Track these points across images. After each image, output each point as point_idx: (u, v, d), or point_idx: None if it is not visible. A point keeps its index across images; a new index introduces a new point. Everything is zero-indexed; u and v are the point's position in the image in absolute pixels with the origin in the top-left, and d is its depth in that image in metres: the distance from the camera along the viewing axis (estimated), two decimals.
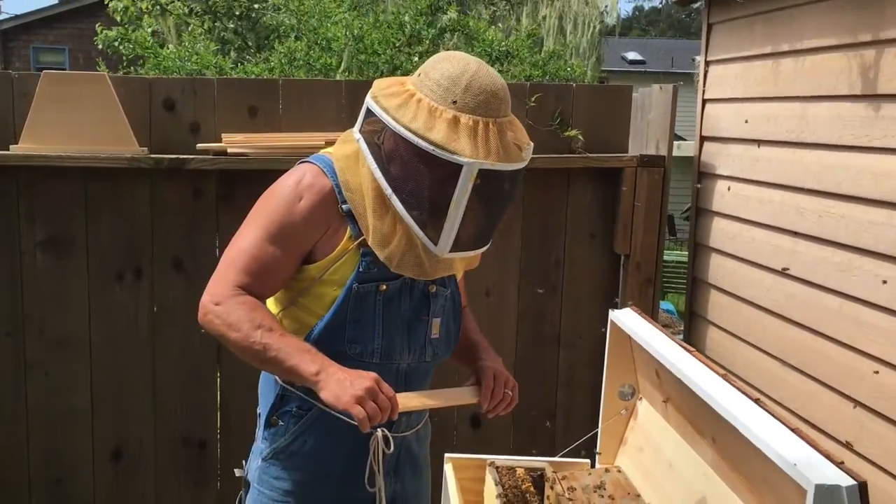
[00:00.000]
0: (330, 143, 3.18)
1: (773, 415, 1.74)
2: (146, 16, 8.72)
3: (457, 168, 1.59)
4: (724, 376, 1.95)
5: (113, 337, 3.24)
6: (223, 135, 3.18)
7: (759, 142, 3.09)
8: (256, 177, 3.18)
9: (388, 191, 1.67)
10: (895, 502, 2.37)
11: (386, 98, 1.66)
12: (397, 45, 6.70)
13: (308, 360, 1.62)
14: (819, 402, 2.68)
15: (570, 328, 3.49)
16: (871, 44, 2.50)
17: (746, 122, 3.19)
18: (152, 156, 3.10)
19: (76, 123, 3.04)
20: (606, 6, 16.40)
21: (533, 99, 3.31)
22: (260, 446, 1.86)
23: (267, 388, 1.88)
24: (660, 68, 28.02)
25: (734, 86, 3.30)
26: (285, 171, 3.09)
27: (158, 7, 8.45)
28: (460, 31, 7.06)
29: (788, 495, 1.63)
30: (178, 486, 3.35)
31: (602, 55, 16.12)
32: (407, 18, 6.76)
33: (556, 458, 2.65)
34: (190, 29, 8.49)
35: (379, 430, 1.67)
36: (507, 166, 1.63)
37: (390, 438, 1.70)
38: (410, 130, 1.61)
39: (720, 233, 3.36)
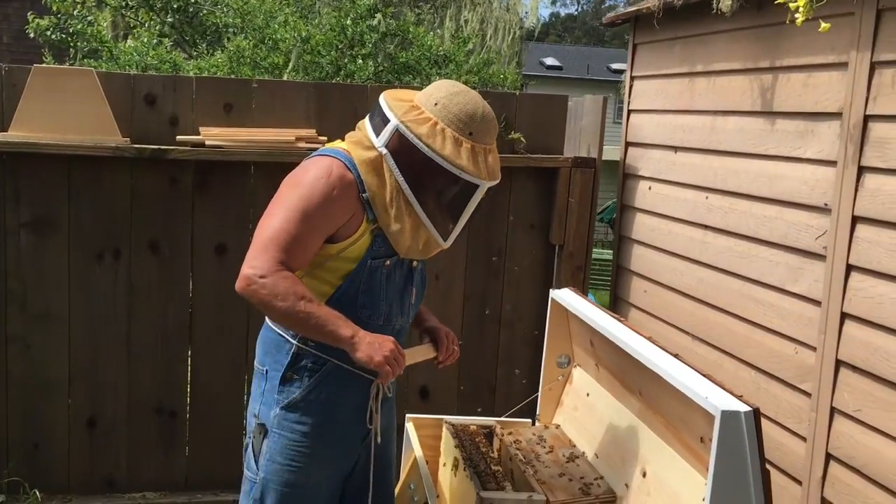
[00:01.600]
0: (300, 139, 3.54)
1: (688, 365, 2.19)
2: (79, 6, 8.74)
3: (471, 185, 2.09)
4: (648, 339, 2.40)
5: (91, 313, 3.49)
6: (201, 128, 3.47)
7: (675, 148, 3.57)
8: (230, 167, 3.51)
9: (412, 199, 2.09)
10: (787, 449, 2.86)
11: (415, 124, 2.06)
12: (340, 47, 7.04)
13: (343, 326, 2.02)
14: (723, 369, 3.17)
15: (510, 310, 3.91)
16: (768, 69, 3.00)
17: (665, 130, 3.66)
18: (135, 146, 3.37)
19: (63, 114, 3.28)
20: (526, 12, 16.92)
21: None
22: (276, 398, 2.18)
23: (277, 350, 2.20)
24: (576, 74, 28.95)
25: (655, 99, 3.78)
26: (258, 162, 3.44)
27: None
28: (400, 35, 7.47)
29: (699, 425, 2.08)
30: (149, 452, 3.62)
31: (522, 60, 16.63)
32: (349, 22, 7.10)
33: (503, 418, 3.07)
34: (126, 21, 8.57)
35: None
36: (495, 183, 2.15)
37: (391, 386, 2.10)
38: (442, 156, 2.04)
39: (642, 226, 3.83)
